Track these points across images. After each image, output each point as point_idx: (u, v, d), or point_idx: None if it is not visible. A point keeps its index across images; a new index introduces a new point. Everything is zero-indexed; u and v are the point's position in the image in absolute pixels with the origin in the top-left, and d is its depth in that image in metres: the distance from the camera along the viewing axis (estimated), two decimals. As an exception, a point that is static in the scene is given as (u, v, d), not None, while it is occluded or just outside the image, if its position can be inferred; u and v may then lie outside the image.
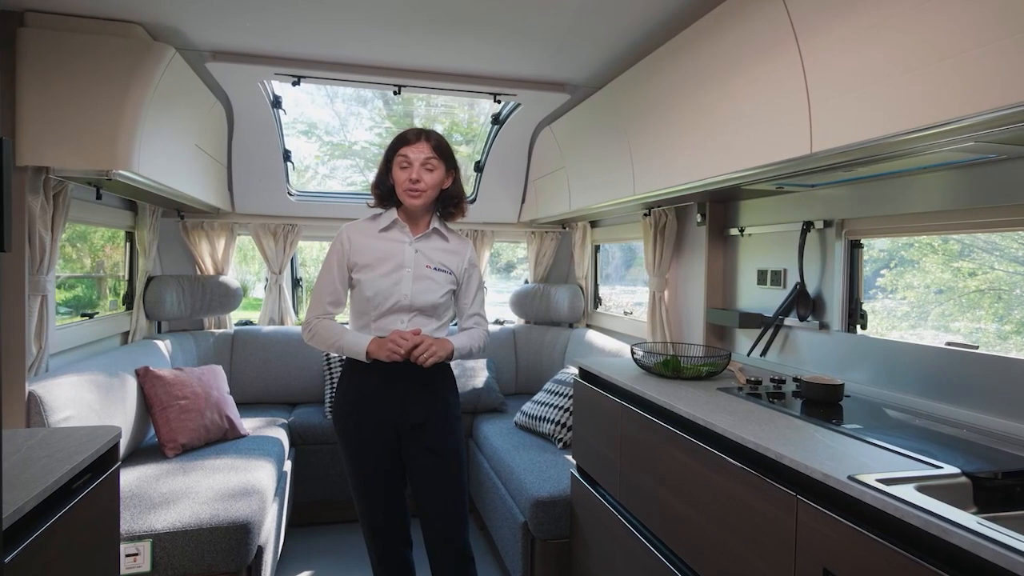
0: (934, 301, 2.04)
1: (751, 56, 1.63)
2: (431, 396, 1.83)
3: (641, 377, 1.97)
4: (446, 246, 1.88)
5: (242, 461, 2.47)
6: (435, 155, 1.77)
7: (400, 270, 1.79)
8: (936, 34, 1.15)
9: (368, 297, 1.78)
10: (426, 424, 1.81)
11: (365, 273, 1.79)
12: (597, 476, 2.10)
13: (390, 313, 1.79)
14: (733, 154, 1.72)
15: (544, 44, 2.24)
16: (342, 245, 1.82)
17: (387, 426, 1.80)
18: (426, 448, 1.82)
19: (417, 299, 1.79)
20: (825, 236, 1.96)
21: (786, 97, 1.51)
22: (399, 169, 1.78)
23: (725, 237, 2.45)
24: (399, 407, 1.79)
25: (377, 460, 1.82)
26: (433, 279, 1.82)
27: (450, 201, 1.86)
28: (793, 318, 2.06)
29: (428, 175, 1.77)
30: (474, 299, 1.94)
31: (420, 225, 1.86)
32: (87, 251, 3.14)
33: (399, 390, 1.79)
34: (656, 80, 2.11)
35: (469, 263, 1.91)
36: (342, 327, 1.81)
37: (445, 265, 1.85)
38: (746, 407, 1.58)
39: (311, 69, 2.40)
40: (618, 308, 3.80)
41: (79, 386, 2.15)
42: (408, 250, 1.82)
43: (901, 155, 1.38)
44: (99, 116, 1.94)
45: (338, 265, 1.82)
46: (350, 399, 1.83)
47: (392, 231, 1.84)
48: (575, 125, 2.89)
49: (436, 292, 1.82)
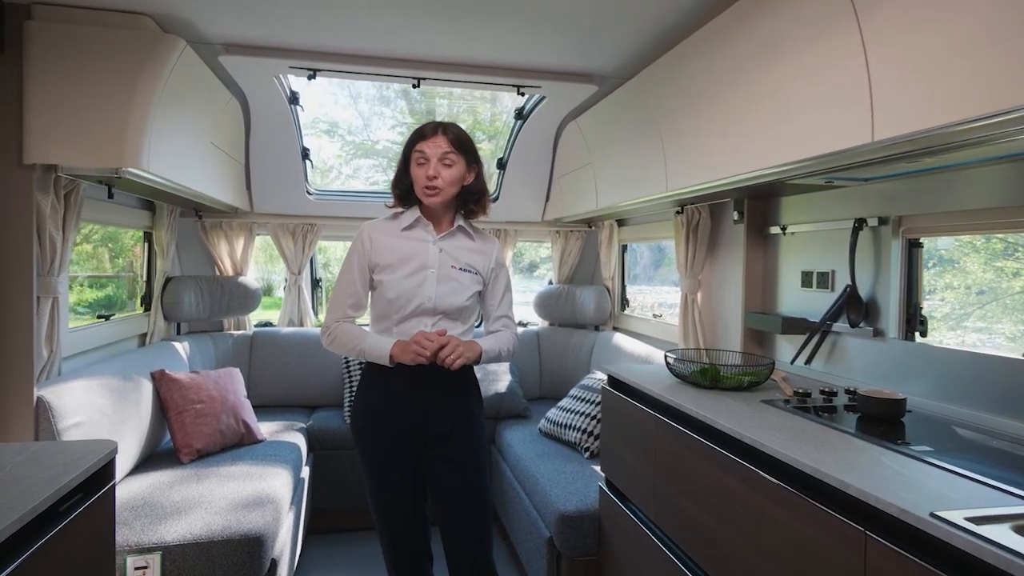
0: (975, 302, 1.88)
1: (801, 38, 1.48)
2: (455, 404, 1.73)
3: (676, 387, 1.83)
4: (472, 245, 1.78)
5: (258, 468, 2.39)
6: (454, 149, 1.67)
7: (424, 271, 1.70)
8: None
9: (390, 299, 1.69)
10: (450, 434, 1.71)
11: (387, 274, 1.70)
12: (628, 491, 1.96)
13: (413, 316, 1.69)
14: (780, 146, 1.57)
15: (570, 32, 2.11)
16: (363, 245, 1.72)
17: (409, 435, 1.71)
18: (449, 460, 1.72)
19: (442, 301, 1.69)
20: (879, 234, 1.79)
21: (843, 81, 1.36)
22: (416, 166, 1.68)
23: (765, 236, 2.29)
24: (422, 415, 1.70)
25: (396, 470, 1.72)
26: (459, 280, 1.72)
27: (471, 198, 1.75)
28: (843, 323, 1.89)
29: (446, 171, 1.66)
30: (501, 300, 1.83)
31: (444, 223, 1.76)
32: (119, 251, 3.11)
33: (423, 396, 1.69)
34: (691, 68, 1.96)
35: (496, 263, 1.81)
36: (363, 330, 1.72)
37: (471, 265, 1.75)
38: (796, 423, 1.43)
39: (327, 62, 2.31)
40: (643, 309, 3.65)
41: (91, 391, 2.09)
42: (432, 249, 1.72)
43: (976, 143, 1.22)
44: (108, 112, 1.87)
45: (359, 266, 1.72)
46: (370, 405, 1.73)
47: (415, 230, 1.74)
48: (603, 119, 2.75)
49: (462, 294, 1.72)
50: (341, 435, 3.03)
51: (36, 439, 1.86)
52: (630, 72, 2.39)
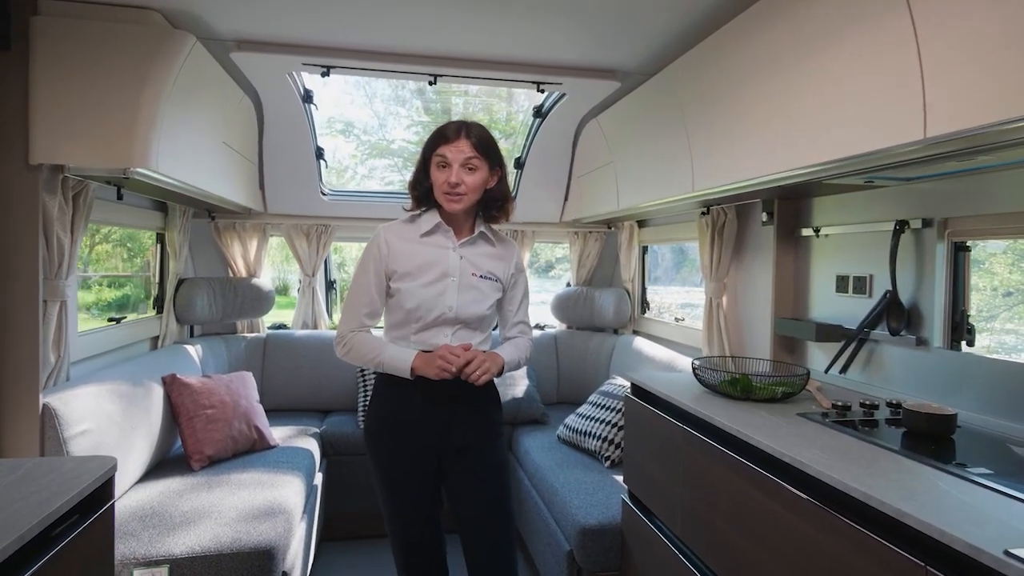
0: (1002, 305, 1.77)
1: (846, 27, 1.38)
2: (477, 416, 1.66)
3: (704, 397, 1.73)
4: (493, 251, 1.70)
5: (269, 476, 2.34)
6: (477, 154, 1.57)
7: (445, 279, 1.62)
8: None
9: (409, 309, 1.60)
10: (472, 446, 1.65)
11: (406, 282, 1.61)
12: (652, 505, 1.87)
13: (433, 326, 1.62)
14: (820, 143, 1.47)
15: (593, 26, 2.02)
16: (379, 250, 1.64)
17: (428, 447, 1.64)
18: (471, 472, 1.65)
19: (463, 311, 1.62)
20: (922, 237, 1.68)
21: (892, 73, 1.26)
22: (437, 169, 1.59)
23: (796, 238, 2.18)
24: (442, 426, 1.63)
25: (414, 481, 1.65)
26: (480, 289, 1.65)
27: (493, 203, 1.67)
28: (882, 331, 1.78)
29: (469, 177, 1.57)
30: (519, 306, 1.76)
31: (464, 229, 1.69)
32: (138, 250, 3.08)
33: (444, 410, 1.62)
34: (722, 62, 1.87)
35: (516, 268, 1.74)
36: (381, 340, 1.64)
37: (492, 273, 1.68)
38: (837, 440, 1.33)
39: (340, 58, 2.24)
40: (660, 310, 3.55)
41: (100, 396, 2.04)
42: (453, 257, 1.64)
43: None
44: (116, 110, 1.82)
45: (375, 272, 1.63)
46: (386, 415, 1.66)
47: (435, 236, 1.66)
48: (625, 116, 2.66)
49: (483, 303, 1.65)
50: (355, 440, 2.97)
51: (42, 448, 1.81)
52: (655, 67, 2.30)
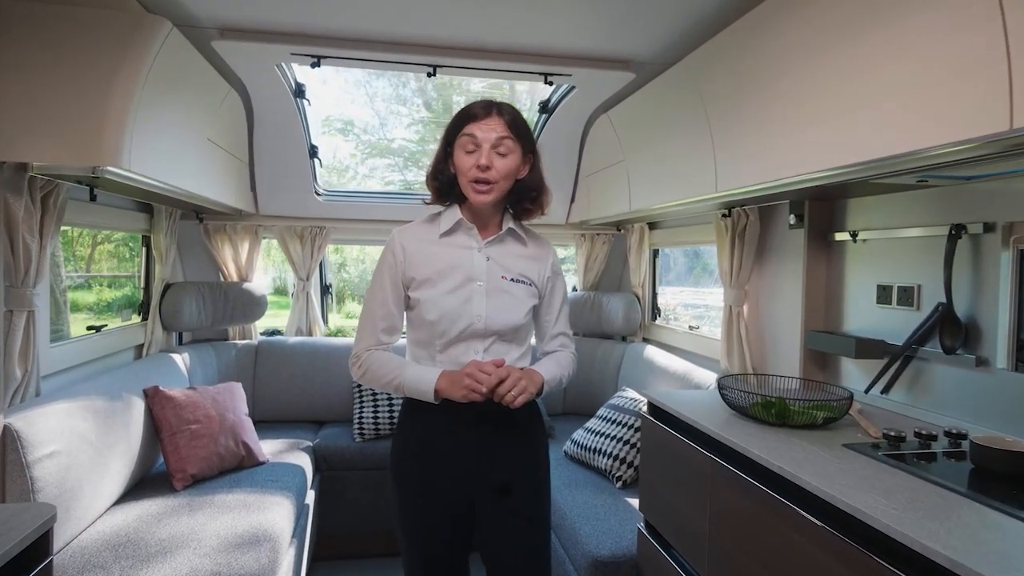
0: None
1: (904, 4, 1.20)
2: (518, 446, 1.44)
3: (733, 422, 1.56)
4: (524, 251, 1.49)
5: (256, 497, 2.17)
6: (510, 134, 1.36)
7: (469, 284, 1.40)
8: None
9: (431, 321, 1.39)
10: (512, 484, 1.43)
11: (425, 290, 1.41)
12: (673, 538, 1.70)
13: (460, 341, 1.40)
14: (866, 138, 1.29)
15: (606, 12, 1.85)
16: (394, 256, 1.43)
17: (461, 484, 1.43)
18: (511, 513, 1.44)
19: (494, 320, 1.40)
20: (982, 243, 1.50)
21: (965, 53, 1.08)
22: (463, 153, 1.37)
23: (829, 243, 2.00)
24: (477, 464, 1.41)
25: (444, 527, 1.44)
26: (511, 293, 1.43)
27: (526, 195, 1.45)
28: (933, 348, 1.60)
29: (501, 161, 1.36)
30: (559, 315, 1.54)
31: (491, 226, 1.47)
32: (138, 250, 2.93)
33: (479, 437, 1.41)
34: (750, 49, 1.69)
35: (552, 270, 1.52)
36: (401, 360, 1.43)
37: (525, 275, 1.46)
38: (896, 481, 1.15)
39: (332, 48, 2.07)
40: (669, 313, 3.37)
41: (71, 414, 1.88)
42: (478, 258, 1.43)
43: None
44: (83, 103, 1.65)
45: (391, 281, 1.43)
46: (412, 447, 1.44)
47: (456, 235, 1.45)
48: (639, 110, 2.47)
49: (517, 310, 1.43)
50: (350, 455, 2.81)
51: (2, 473, 1.64)
52: (674, 57, 2.11)
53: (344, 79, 4.17)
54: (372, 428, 2.87)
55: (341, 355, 3.17)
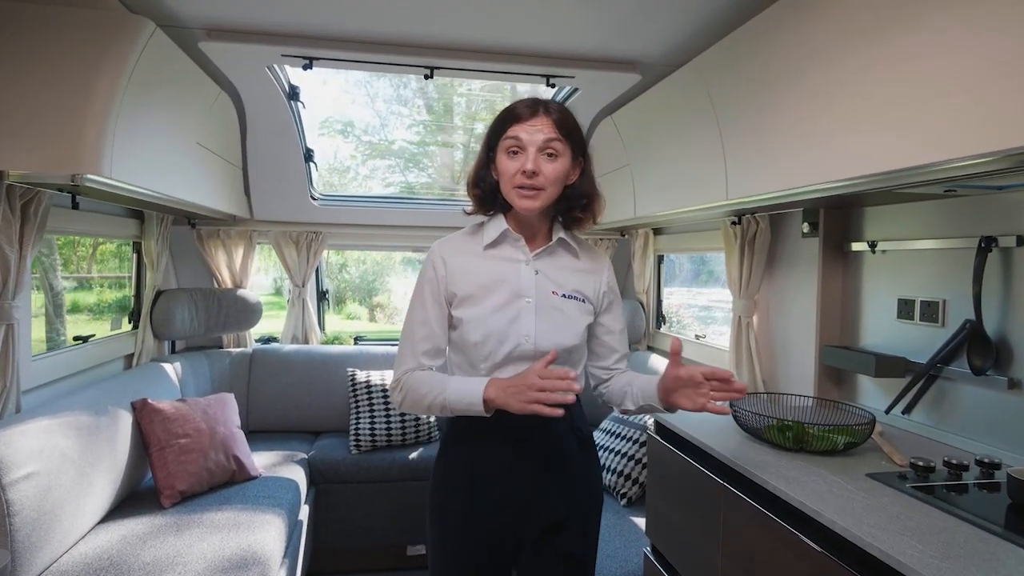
0: None
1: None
2: (577, 479, 1.31)
3: (747, 445, 1.47)
4: (577, 264, 1.35)
5: (247, 515, 2.09)
6: (559, 135, 1.22)
7: (517, 301, 1.27)
8: None
9: (475, 342, 1.26)
10: (566, 524, 1.29)
11: (468, 308, 1.28)
12: (681, 566, 1.61)
13: (507, 364, 1.27)
14: (897, 145, 1.20)
15: (611, 10, 1.76)
16: (434, 271, 1.30)
17: (508, 524, 1.28)
18: (561, 552, 1.30)
19: (544, 341, 1.26)
20: (1015, 257, 1.40)
21: (1004, 55, 0.98)
22: (507, 157, 1.24)
23: (845, 253, 1.90)
24: (529, 495, 1.27)
25: (485, 568, 1.30)
26: (564, 311, 1.29)
27: (576, 202, 1.30)
28: (959, 367, 1.51)
29: (549, 165, 1.22)
30: (620, 336, 1.40)
31: (539, 236, 1.33)
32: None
33: (531, 469, 1.27)
34: (765, 50, 1.59)
35: (608, 285, 1.37)
36: (444, 376, 1.28)
37: (579, 291, 1.32)
38: (930, 520, 1.06)
39: (324, 49, 1.98)
40: (670, 312, 3.28)
41: (52, 431, 1.79)
42: (526, 272, 1.29)
43: None
44: (61, 108, 1.57)
45: (433, 298, 1.30)
46: (456, 480, 1.30)
47: (502, 246, 1.32)
48: (645, 113, 2.38)
49: (571, 330, 1.29)
50: (346, 467, 2.73)
51: (-24, 497, 1.56)
52: (682, 58, 2.02)
53: (345, 79, 4.09)
54: (369, 440, 2.78)
55: (337, 363, 3.09)
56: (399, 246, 3.60)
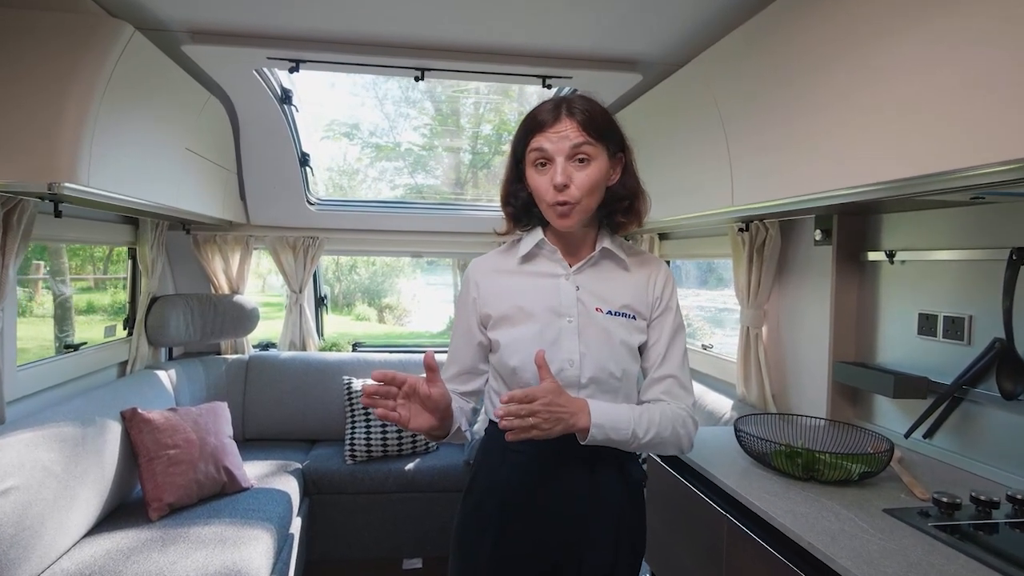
0: None
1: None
2: (625, 519, 1.17)
3: (753, 473, 1.36)
4: (625, 276, 1.19)
5: (235, 529, 2.03)
6: (588, 138, 1.08)
7: (557, 321, 1.13)
8: None
9: (514, 367, 1.14)
10: (612, 565, 1.16)
11: (504, 330, 1.16)
12: (683, 599, 1.51)
13: None
14: (920, 148, 1.09)
15: (609, 8, 1.66)
16: (469, 293, 1.21)
17: (544, 565, 1.16)
18: None
19: (589, 365, 1.12)
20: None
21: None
22: (535, 171, 1.12)
23: (861, 263, 1.79)
24: (567, 534, 1.15)
25: None
26: (610, 331, 1.14)
27: (618, 204, 1.16)
28: (986, 390, 1.39)
29: (581, 173, 1.08)
30: (667, 352, 1.17)
31: (582, 247, 1.19)
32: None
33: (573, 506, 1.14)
34: (772, 47, 1.49)
35: (662, 294, 1.19)
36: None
37: (629, 307, 1.17)
38: (957, 568, 0.95)
39: (311, 51, 1.90)
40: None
41: (36, 444, 1.75)
42: (565, 287, 1.16)
43: None
44: (35, 114, 1.51)
45: (466, 322, 1.21)
46: (486, 514, 1.17)
47: (537, 260, 1.19)
48: (646, 116, 2.28)
49: (618, 352, 1.14)
50: (340, 478, 2.66)
51: (-50, 515, 1.51)
52: (685, 56, 1.91)
53: (353, 81, 4.04)
54: (364, 450, 2.71)
55: (335, 371, 3.04)
56: (398, 251, 3.53)
